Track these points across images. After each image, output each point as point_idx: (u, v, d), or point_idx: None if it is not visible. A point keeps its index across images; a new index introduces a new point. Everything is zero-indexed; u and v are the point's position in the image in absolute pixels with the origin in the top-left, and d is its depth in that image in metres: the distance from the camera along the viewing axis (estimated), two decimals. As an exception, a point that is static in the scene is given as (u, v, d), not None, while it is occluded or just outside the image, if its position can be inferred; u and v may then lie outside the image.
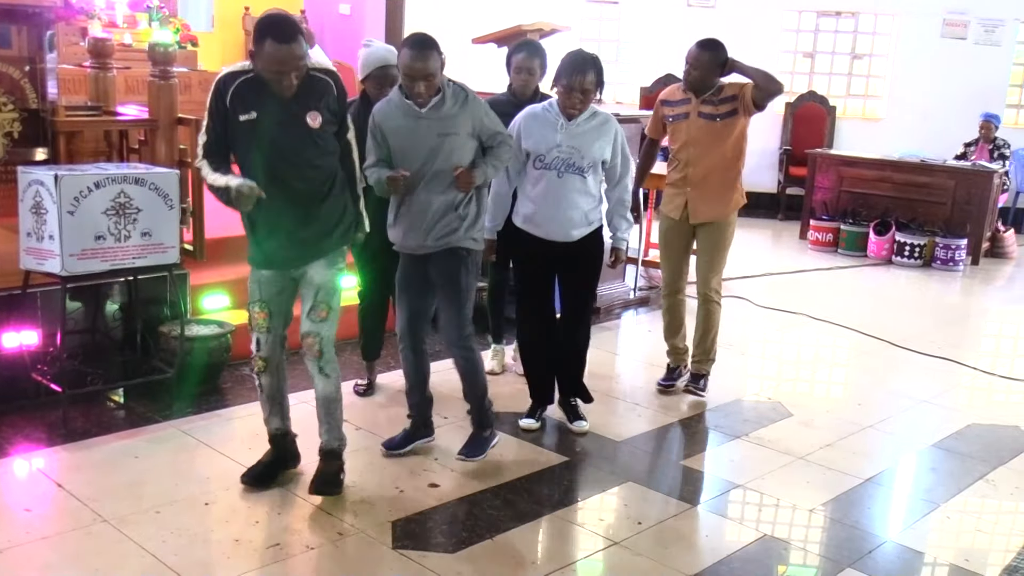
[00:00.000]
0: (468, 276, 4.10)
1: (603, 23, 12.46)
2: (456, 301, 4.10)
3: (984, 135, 10.24)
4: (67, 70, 7.19)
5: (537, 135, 4.37)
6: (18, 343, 4.48)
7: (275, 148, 3.56)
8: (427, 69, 3.79)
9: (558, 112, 4.34)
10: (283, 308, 3.83)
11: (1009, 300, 8.79)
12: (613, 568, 3.53)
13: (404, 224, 4.03)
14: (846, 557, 3.69)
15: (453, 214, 3.98)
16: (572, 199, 4.36)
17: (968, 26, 11.42)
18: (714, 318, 5.13)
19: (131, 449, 4.20)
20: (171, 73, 5.05)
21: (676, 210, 5.04)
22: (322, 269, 3.72)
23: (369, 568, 3.39)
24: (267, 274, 3.76)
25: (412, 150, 3.94)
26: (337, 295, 3.77)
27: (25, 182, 4.27)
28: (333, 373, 3.82)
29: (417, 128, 3.91)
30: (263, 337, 3.80)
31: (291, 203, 3.63)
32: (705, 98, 4.92)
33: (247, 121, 3.54)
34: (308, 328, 3.73)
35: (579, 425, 4.64)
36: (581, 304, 4.66)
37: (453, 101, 3.93)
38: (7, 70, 4.55)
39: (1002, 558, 3.79)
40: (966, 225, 9.46)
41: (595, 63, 4.30)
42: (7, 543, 3.37)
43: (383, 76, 4.47)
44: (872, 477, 4.43)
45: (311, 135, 3.59)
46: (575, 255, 4.47)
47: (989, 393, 5.84)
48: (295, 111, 3.55)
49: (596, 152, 4.37)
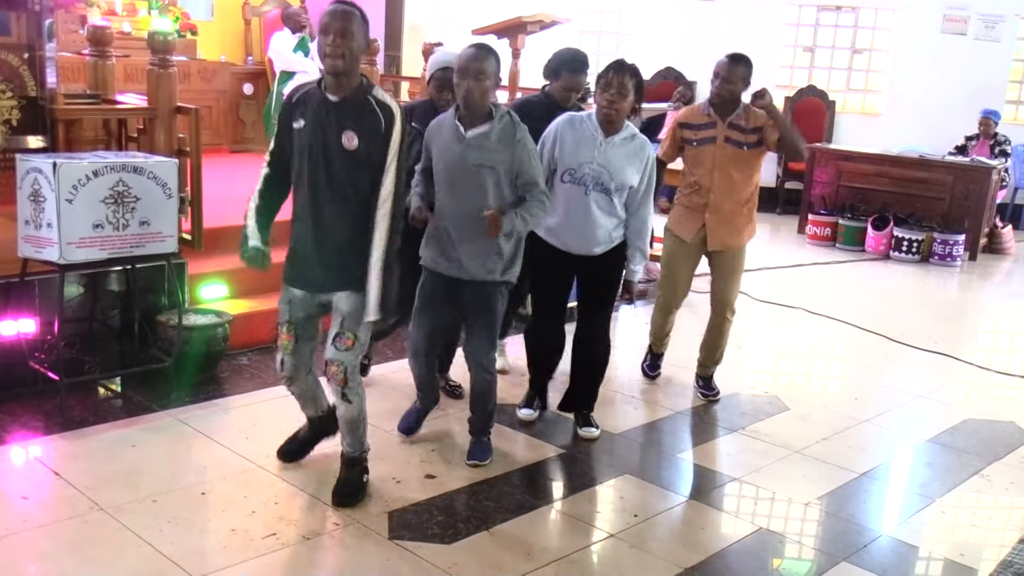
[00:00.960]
0: (502, 302, 4.08)
1: (603, 15, 12.45)
2: (491, 326, 4.06)
3: (984, 131, 10.23)
4: (66, 58, 7.17)
5: (572, 146, 4.25)
6: (16, 331, 4.47)
7: (311, 157, 3.49)
8: (480, 68, 3.75)
9: (597, 126, 4.24)
10: (310, 334, 3.75)
11: (1006, 296, 8.80)
12: (609, 560, 3.53)
13: (436, 248, 4.00)
14: (841, 551, 3.70)
15: (492, 255, 3.94)
16: (597, 217, 4.27)
17: (968, 21, 11.40)
18: (727, 333, 5.09)
19: (128, 438, 4.19)
20: (170, 62, 5.04)
21: (689, 232, 4.93)
22: (350, 297, 3.56)
23: (365, 558, 3.39)
24: (298, 296, 3.67)
25: (448, 172, 3.91)
26: (365, 325, 3.59)
27: (23, 170, 4.26)
28: (356, 399, 3.67)
29: (458, 152, 3.86)
30: (287, 359, 3.74)
31: (321, 225, 3.55)
32: (731, 122, 4.80)
33: (297, 129, 3.51)
34: (332, 355, 3.60)
35: (588, 432, 4.55)
36: (600, 317, 4.53)
37: (500, 135, 3.86)
38: (6, 57, 4.53)
39: (997, 553, 3.80)
40: (964, 221, 9.46)
41: (636, 71, 4.21)
42: (4, 531, 3.37)
43: (443, 79, 4.41)
44: (868, 471, 4.43)
45: (346, 153, 3.46)
46: (596, 268, 4.39)
47: (985, 389, 5.85)
48: (336, 125, 3.45)
49: (627, 176, 4.25)
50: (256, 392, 4.81)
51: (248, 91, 9.06)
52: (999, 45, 11.40)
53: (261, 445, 4.17)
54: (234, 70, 9.12)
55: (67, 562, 3.22)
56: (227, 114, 8.96)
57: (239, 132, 9.05)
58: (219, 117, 8.85)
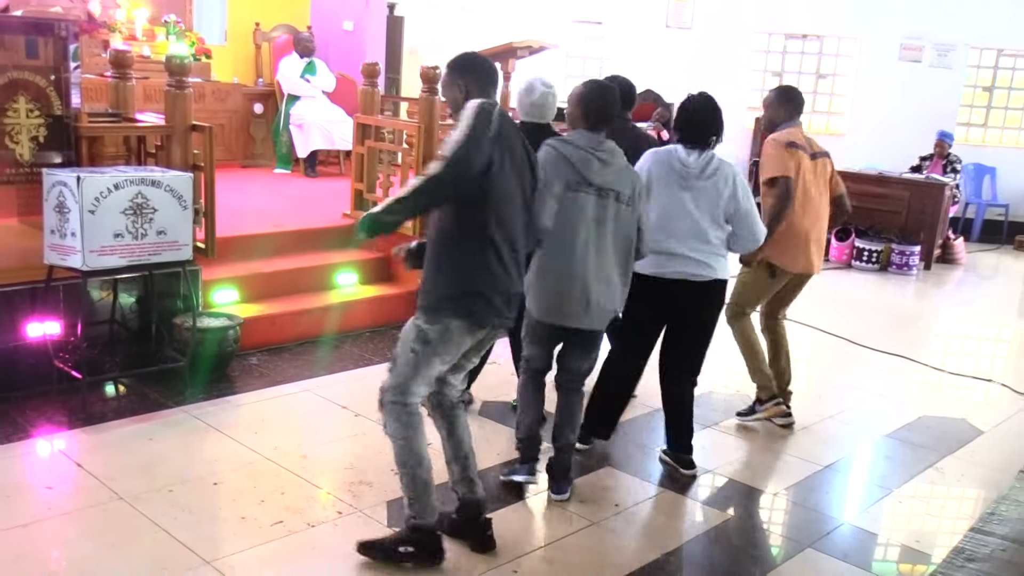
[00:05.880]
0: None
1: (588, 42, 12.48)
2: (594, 349, 3.85)
3: (938, 151, 10.29)
4: (90, 79, 7.14)
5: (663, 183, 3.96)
6: (42, 333, 4.46)
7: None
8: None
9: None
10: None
11: (958, 303, 8.83)
12: (592, 546, 3.53)
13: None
14: (806, 538, 3.71)
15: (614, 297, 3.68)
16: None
17: (923, 50, 11.47)
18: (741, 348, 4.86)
19: (146, 432, 4.18)
20: (186, 83, 5.03)
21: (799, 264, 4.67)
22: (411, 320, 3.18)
23: (366, 544, 3.38)
24: None
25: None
26: (404, 350, 3.12)
27: (49, 183, 4.25)
28: (391, 435, 3.16)
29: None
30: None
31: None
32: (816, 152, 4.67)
33: None
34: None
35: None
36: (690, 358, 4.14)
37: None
38: (34, 79, 4.52)
39: (950, 540, 3.80)
40: (920, 233, 9.50)
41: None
42: (30, 518, 3.36)
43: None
44: (831, 464, 4.45)
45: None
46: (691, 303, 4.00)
47: (939, 388, 5.86)
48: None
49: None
50: (265, 390, 4.80)
51: (258, 110, 9.04)
52: (951, 72, 11.46)
53: (269, 439, 4.16)
54: (245, 91, 9.11)
55: (88, 547, 3.21)
56: (238, 132, 8.95)
57: (250, 148, 9.04)
58: (231, 134, 8.84)
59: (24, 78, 4.50)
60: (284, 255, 5.95)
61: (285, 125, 8.66)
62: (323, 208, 6.95)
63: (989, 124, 11.88)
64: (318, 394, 4.80)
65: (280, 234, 6.10)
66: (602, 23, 12.36)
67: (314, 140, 8.63)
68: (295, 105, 8.67)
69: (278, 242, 5.99)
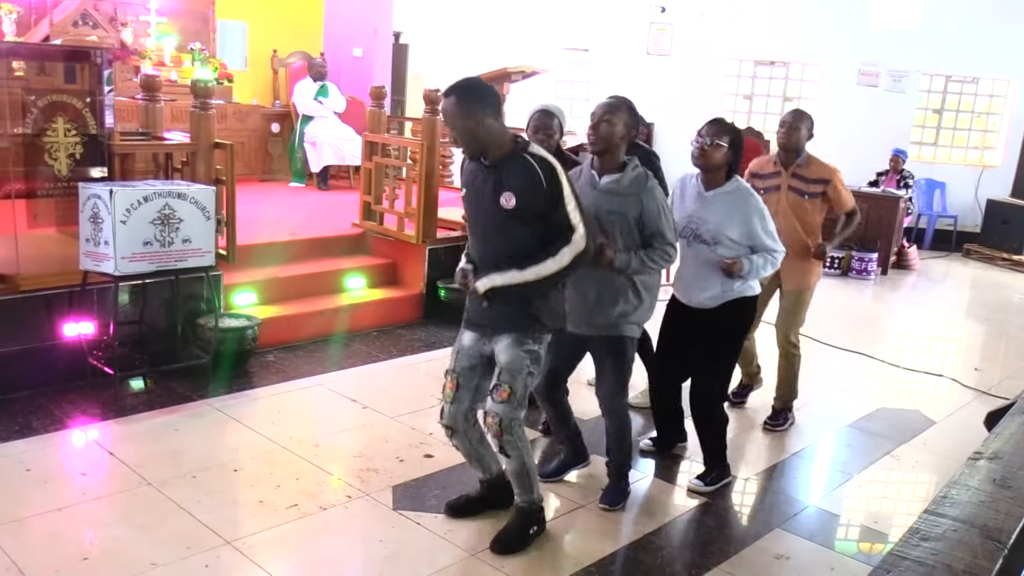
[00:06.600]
0: (631, 348, 3.58)
1: (576, 67, 12.49)
2: (620, 372, 3.59)
3: (893, 167, 10.31)
4: (122, 102, 7.14)
5: (679, 204, 3.83)
6: (77, 332, 4.45)
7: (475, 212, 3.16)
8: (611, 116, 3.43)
9: (699, 181, 3.80)
10: (473, 383, 3.24)
11: (912, 305, 8.84)
12: (579, 526, 3.53)
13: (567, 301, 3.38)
14: (775, 519, 3.71)
15: (615, 307, 3.46)
16: (701, 270, 3.75)
17: (879, 76, 11.49)
18: (795, 367, 4.74)
19: (172, 423, 4.17)
20: (210, 105, 5.02)
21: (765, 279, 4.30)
22: (508, 348, 3.09)
23: (373, 526, 3.37)
24: (467, 344, 3.23)
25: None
26: (521, 377, 3.08)
27: (85, 196, 4.24)
28: (514, 452, 3.17)
29: (591, 199, 3.38)
30: (447, 407, 3.26)
31: (484, 265, 3.13)
32: (794, 171, 4.53)
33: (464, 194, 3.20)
34: (489, 407, 3.14)
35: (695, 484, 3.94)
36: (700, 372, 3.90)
37: (632, 183, 3.42)
38: (72, 101, 4.51)
39: (905, 520, 3.80)
40: (877, 242, 9.51)
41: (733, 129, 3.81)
42: (66, 502, 3.34)
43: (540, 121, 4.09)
44: (797, 452, 4.44)
45: (503, 211, 3.00)
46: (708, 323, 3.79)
47: (895, 382, 5.87)
48: (493, 185, 3.02)
49: (726, 229, 3.68)
50: (281, 384, 4.78)
51: (275, 129, 9.03)
52: (904, 96, 11.49)
53: (285, 429, 4.15)
54: (263, 112, 9.10)
55: (119, 529, 3.20)
56: (257, 149, 8.94)
57: (267, 164, 9.03)
58: (250, 151, 8.82)
59: (62, 100, 4.49)
60: (298, 261, 5.94)
61: (300, 143, 8.64)
62: (334, 218, 6.93)
63: (939, 143, 11.89)
64: (330, 388, 4.79)
65: (295, 242, 6.08)
66: (588, 50, 12.36)
67: (326, 156, 8.61)
68: (309, 124, 8.66)
69: (293, 249, 5.98)
